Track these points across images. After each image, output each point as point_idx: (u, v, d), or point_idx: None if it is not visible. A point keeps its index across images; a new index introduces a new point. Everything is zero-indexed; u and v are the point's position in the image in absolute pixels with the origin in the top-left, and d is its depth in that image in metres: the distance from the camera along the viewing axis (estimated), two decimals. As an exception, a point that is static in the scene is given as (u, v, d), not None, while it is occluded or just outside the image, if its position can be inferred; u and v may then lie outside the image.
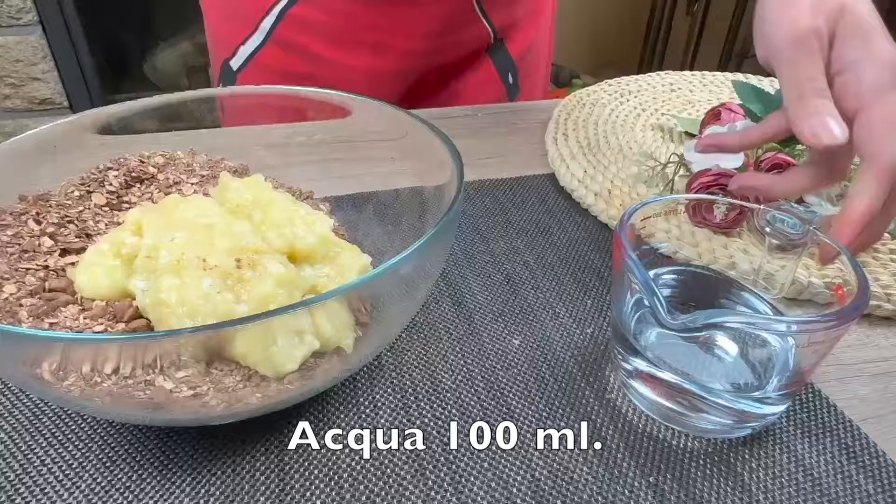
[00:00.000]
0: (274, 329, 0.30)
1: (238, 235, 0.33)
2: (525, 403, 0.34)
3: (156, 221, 0.33)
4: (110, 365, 0.27)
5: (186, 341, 0.25)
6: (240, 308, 0.30)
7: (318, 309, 0.33)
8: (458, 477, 0.30)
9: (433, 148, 0.39)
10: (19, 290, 0.30)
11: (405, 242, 0.42)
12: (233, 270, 0.30)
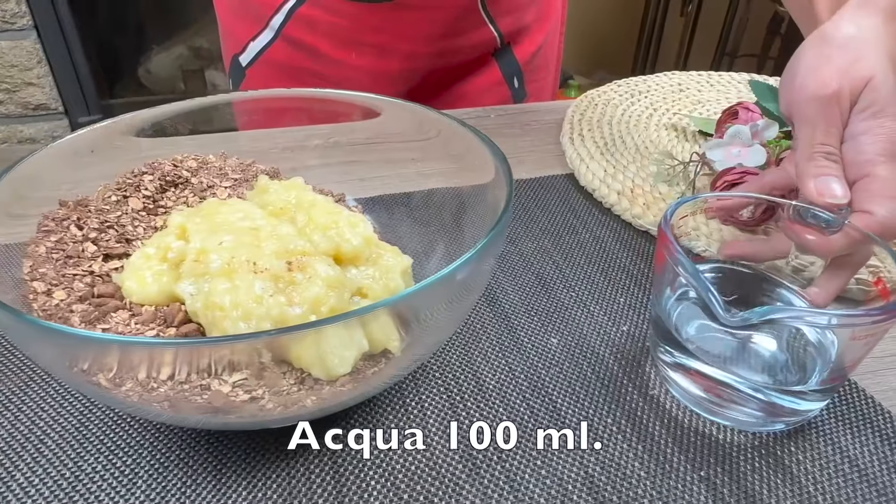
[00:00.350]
0: (326, 331, 0.30)
1: (284, 238, 0.33)
2: (570, 402, 0.34)
3: (200, 225, 0.33)
4: (167, 370, 0.27)
5: (252, 345, 0.25)
6: (293, 311, 0.30)
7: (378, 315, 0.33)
8: (514, 476, 0.30)
9: (470, 149, 0.39)
10: (69, 296, 0.30)
11: (442, 243, 0.42)
12: (283, 273, 0.30)
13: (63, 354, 0.23)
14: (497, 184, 0.35)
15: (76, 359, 0.24)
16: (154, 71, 1.61)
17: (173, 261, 0.32)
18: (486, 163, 0.37)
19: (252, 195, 0.38)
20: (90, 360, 0.24)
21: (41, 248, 0.31)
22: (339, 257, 0.34)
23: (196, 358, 0.25)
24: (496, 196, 0.35)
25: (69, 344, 0.22)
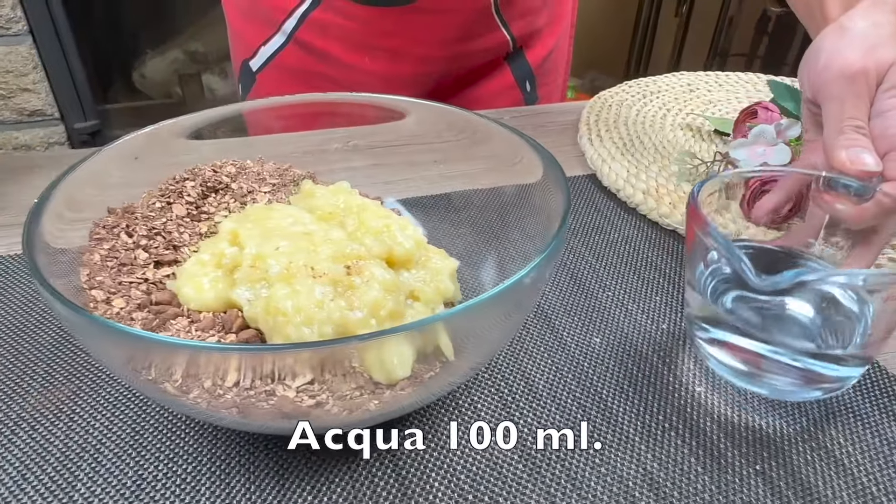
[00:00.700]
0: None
1: (338, 242, 0.33)
2: (621, 400, 0.35)
3: (252, 231, 0.33)
4: (233, 377, 0.27)
5: (333, 351, 0.25)
6: (354, 315, 0.30)
7: (423, 312, 0.33)
8: (574, 475, 0.31)
9: (509, 149, 0.40)
10: (127, 303, 0.30)
11: (481, 245, 0.43)
12: (342, 277, 0.31)
13: (140, 359, 0.23)
14: (546, 185, 0.35)
15: (153, 364, 0.24)
16: (149, 75, 1.60)
17: (228, 267, 0.32)
18: (525, 163, 0.38)
19: (296, 200, 0.38)
20: (168, 365, 0.23)
21: (96, 256, 0.31)
22: (391, 260, 0.34)
23: (274, 364, 0.25)
24: (543, 196, 0.36)
25: (153, 349, 0.22)
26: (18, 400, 0.34)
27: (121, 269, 0.31)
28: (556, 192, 0.33)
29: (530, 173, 0.38)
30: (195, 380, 0.26)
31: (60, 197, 0.30)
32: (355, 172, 0.51)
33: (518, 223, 0.42)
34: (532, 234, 0.44)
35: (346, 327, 0.30)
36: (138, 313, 0.29)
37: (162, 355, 0.23)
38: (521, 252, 0.45)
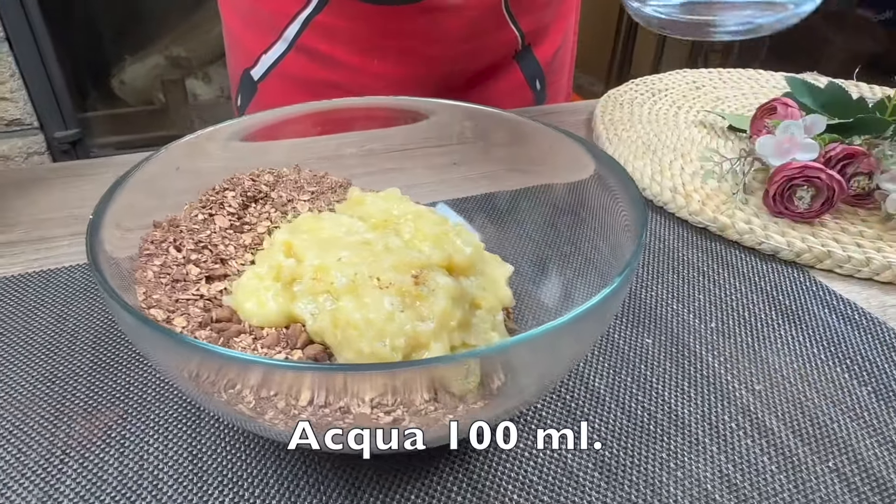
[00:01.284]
0: (453, 343, 0.30)
1: (399, 251, 0.32)
2: (684, 401, 0.34)
3: (307, 242, 0.32)
4: (306, 395, 0.25)
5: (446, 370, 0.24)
6: (425, 326, 0.29)
7: (486, 320, 0.32)
8: (651, 478, 0.30)
9: (547, 148, 0.39)
10: (188, 322, 0.28)
11: (524, 247, 0.42)
12: (410, 287, 0.30)
13: (231, 380, 0.22)
14: (625, 192, 0.34)
15: (241, 386, 0.23)
16: (128, 82, 1.56)
17: (286, 280, 0.31)
18: (559, 160, 0.37)
19: (343, 208, 0.37)
20: (255, 387, 0.22)
21: (149, 273, 0.29)
22: (451, 268, 0.33)
23: (388, 383, 0.23)
24: (591, 196, 0.35)
25: (250, 371, 0.21)
26: (63, 427, 0.32)
27: (174, 285, 0.30)
28: (614, 189, 0.33)
29: (564, 171, 0.38)
30: (270, 401, 0.24)
31: (112, 213, 0.29)
32: (373, 178, 0.50)
33: (560, 224, 0.41)
34: (576, 237, 0.44)
35: (417, 339, 0.29)
36: (201, 332, 0.28)
37: (258, 377, 0.21)
38: (560, 252, 0.45)
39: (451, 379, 0.29)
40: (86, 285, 0.42)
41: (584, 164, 0.37)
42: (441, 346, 0.29)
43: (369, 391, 0.22)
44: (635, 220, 0.30)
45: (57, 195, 0.54)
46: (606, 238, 0.44)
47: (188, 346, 0.20)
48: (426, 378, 0.22)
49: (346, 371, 0.22)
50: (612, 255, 0.36)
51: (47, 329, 0.38)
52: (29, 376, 0.35)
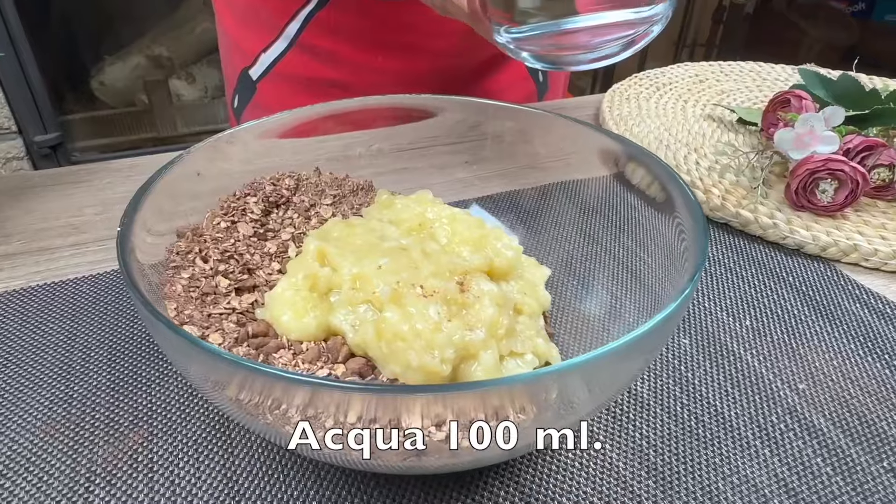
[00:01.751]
0: (500, 352, 0.29)
1: (436, 256, 0.30)
2: (730, 403, 0.34)
3: (342, 249, 0.30)
4: (354, 414, 0.24)
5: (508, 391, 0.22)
6: (475, 335, 0.27)
7: (532, 327, 0.31)
8: (707, 487, 0.29)
9: (569, 143, 0.38)
10: (224, 339, 0.27)
11: (550, 246, 0.41)
12: (455, 295, 0.28)
13: (293, 404, 0.20)
14: (631, 180, 0.34)
15: (298, 409, 0.21)
16: (109, 83, 1.51)
17: (322, 290, 0.29)
18: (581, 156, 0.36)
19: (372, 212, 0.35)
20: (315, 410, 0.21)
21: (178, 287, 0.28)
22: (491, 273, 0.32)
23: (432, 406, 0.22)
24: (621, 193, 0.34)
25: (320, 394, 0.19)
26: (85, 453, 0.30)
27: (204, 299, 0.28)
28: (654, 187, 0.32)
29: (587, 166, 0.37)
30: (320, 422, 0.23)
31: (139, 224, 0.27)
32: (384, 178, 0.49)
33: (587, 223, 0.40)
34: (604, 237, 0.43)
35: (467, 349, 0.27)
36: (238, 349, 0.26)
37: (324, 401, 0.20)
38: (587, 253, 0.44)
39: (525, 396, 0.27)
40: (94, 298, 0.40)
41: (613, 157, 0.36)
42: (491, 355, 0.28)
43: (447, 413, 0.21)
44: (691, 223, 0.29)
45: (53, 203, 0.51)
46: (640, 239, 0.43)
47: (259, 372, 0.18)
48: (508, 397, 0.21)
49: (444, 392, 0.20)
50: (647, 256, 0.35)
51: (58, 347, 0.36)
52: (44, 399, 0.33)
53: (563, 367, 0.20)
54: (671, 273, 0.35)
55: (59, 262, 0.44)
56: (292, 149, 0.49)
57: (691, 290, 0.24)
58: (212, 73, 1.55)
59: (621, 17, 0.31)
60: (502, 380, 0.19)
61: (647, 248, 0.44)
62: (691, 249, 0.28)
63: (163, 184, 0.29)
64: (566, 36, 0.31)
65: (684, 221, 0.30)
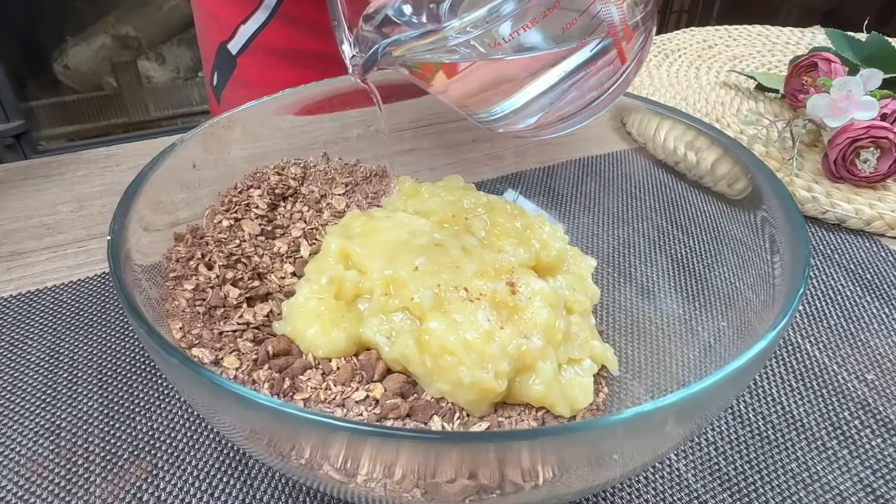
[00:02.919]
0: (558, 359, 0.25)
1: (477, 253, 0.26)
2: (797, 399, 0.31)
3: (368, 248, 0.26)
4: (448, 470, 0.20)
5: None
6: (532, 344, 0.24)
7: (585, 328, 0.27)
8: (784, 495, 0.26)
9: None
10: (241, 362, 0.23)
11: (580, 229, 0.37)
12: (506, 297, 0.24)
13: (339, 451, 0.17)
14: (664, 152, 0.30)
15: (340, 455, 0.17)
16: (73, 66, 1.42)
17: (349, 297, 0.25)
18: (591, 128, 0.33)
19: (394, 202, 0.31)
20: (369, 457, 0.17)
21: (181, 302, 0.23)
22: (537, 267, 0.28)
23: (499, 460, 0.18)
24: (654, 168, 0.31)
25: (374, 443, 0.16)
26: (80, 493, 0.26)
27: (213, 313, 0.24)
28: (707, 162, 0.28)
29: (608, 140, 0.33)
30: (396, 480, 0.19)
31: (131, 232, 0.22)
32: (389, 160, 0.45)
33: (616, 204, 0.37)
34: (633, 216, 0.39)
35: (523, 361, 0.24)
36: (259, 372, 0.22)
37: (412, 461, 0.16)
38: (621, 237, 0.41)
39: (556, 402, 0.24)
40: (77, 308, 0.35)
41: (644, 125, 0.33)
42: (550, 365, 0.24)
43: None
44: (776, 197, 0.25)
45: (23, 201, 0.46)
46: (678, 220, 0.40)
47: (301, 420, 0.15)
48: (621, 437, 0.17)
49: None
50: (686, 237, 0.32)
51: (40, 367, 0.32)
52: (27, 430, 0.28)
53: (685, 396, 0.16)
54: (734, 265, 0.32)
55: (35, 267, 0.39)
56: (285, 132, 0.44)
57: (798, 300, 0.20)
58: (183, 53, 1.47)
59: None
60: (619, 420, 0.16)
61: (685, 228, 0.41)
62: (786, 251, 0.24)
63: (154, 181, 0.24)
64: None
65: (769, 211, 0.27)
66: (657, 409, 0.16)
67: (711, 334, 0.30)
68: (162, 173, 0.25)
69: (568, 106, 0.23)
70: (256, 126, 0.38)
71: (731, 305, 0.31)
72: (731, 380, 0.18)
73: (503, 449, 0.15)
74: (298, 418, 0.14)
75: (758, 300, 0.29)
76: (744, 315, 0.29)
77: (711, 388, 0.17)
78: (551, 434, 0.16)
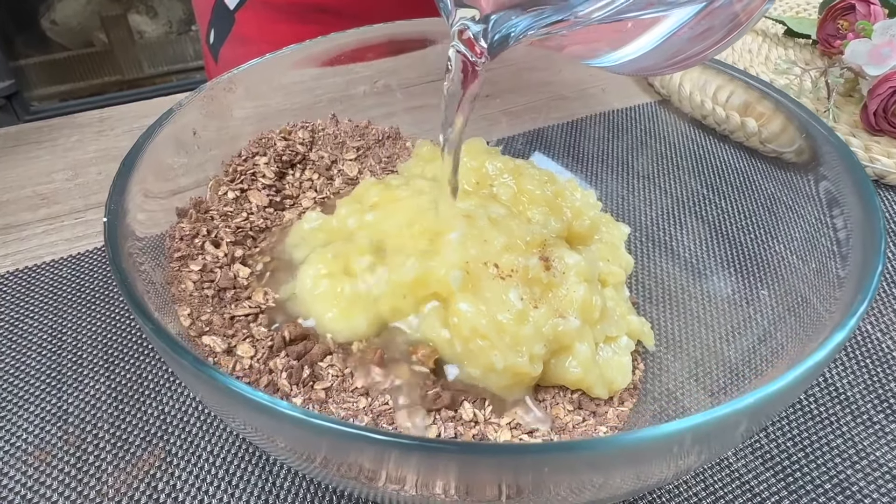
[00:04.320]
0: (595, 338, 0.23)
1: (505, 224, 0.24)
2: (842, 371, 0.29)
3: (384, 221, 0.24)
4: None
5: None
6: (568, 324, 0.22)
7: (620, 302, 0.26)
8: (831, 474, 0.25)
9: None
10: (256, 350, 0.21)
11: (608, 192, 0.35)
12: (539, 273, 0.23)
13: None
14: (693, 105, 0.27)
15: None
16: (61, 21, 1.37)
17: (363, 270, 0.24)
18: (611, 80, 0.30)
19: (411, 168, 0.29)
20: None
21: (188, 285, 0.22)
22: (569, 237, 0.26)
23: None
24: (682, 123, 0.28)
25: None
26: (91, 483, 0.25)
27: (222, 296, 0.22)
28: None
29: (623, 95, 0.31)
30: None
31: (131, 207, 0.20)
32: (397, 119, 0.42)
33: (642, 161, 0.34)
34: (652, 173, 0.37)
35: (559, 342, 0.22)
36: (276, 360, 0.21)
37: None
38: (649, 199, 0.38)
39: (594, 384, 0.22)
40: (78, 285, 0.33)
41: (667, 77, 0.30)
42: (587, 346, 0.22)
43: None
44: (834, 154, 0.23)
45: (15, 169, 0.44)
46: (712, 181, 0.37)
47: (336, 433, 0.13)
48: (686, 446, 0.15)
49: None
50: (717, 198, 0.30)
51: (43, 350, 0.30)
52: (33, 416, 0.27)
53: (750, 404, 0.15)
54: (780, 231, 0.30)
55: (31, 241, 0.37)
56: (289, 91, 0.42)
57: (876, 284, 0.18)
58: (175, 6, 1.41)
59: None
60: (688, 428, 0.14)
61: (720, 190, 0.38)
62: (853, 219, 0.22)
63: (150, 154, 0.22)
64: None
65: (829, 178, 0.24)
66: (731, 413, 0.14)
67: (755, 308, 0.28)
68: (160, 143, 0.23)
69: (709, 34, 0.20)
70: (259, 86, 0.35)
71: (777, 275, 0.29)
72: (809, 376, 0.16)
73: (555, 465, 0.14)
74: (330, 431, 0.13)
75: (808, 268, 0.27)
76: (794, 286, 0.27)
77: (787, 387, 0.15)
78: (623, 444, 0.14)
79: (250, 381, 0.20)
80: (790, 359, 0.21)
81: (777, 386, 0.15)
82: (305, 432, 0.13)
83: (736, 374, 0.26)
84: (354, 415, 0.20)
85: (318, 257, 0.24)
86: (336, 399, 0.20)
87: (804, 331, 0.22)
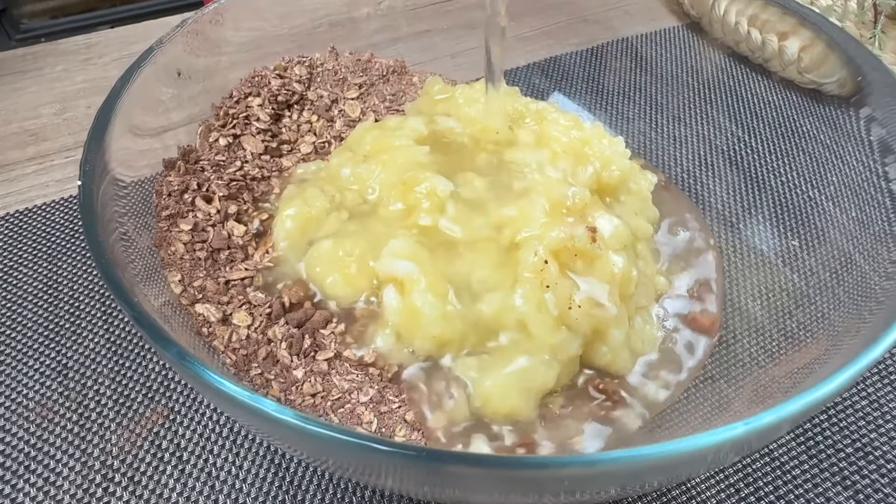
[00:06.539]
0: (628, 312, 0.22)
1: (535, 183, 0.22)
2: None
3: (383, 171, 0.22)
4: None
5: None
6: (608, 311, 0.21)
7: (650, 260, 0.24)
8: (855, 439, 0.24)
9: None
10: (253, 319, 0.20)
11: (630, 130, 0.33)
12: (586, 245, 0.21)
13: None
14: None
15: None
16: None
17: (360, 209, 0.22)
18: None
19: (419, 108, 0.27)
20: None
21: (178, 246, 0.20)
22: (598, 190, 0.24)
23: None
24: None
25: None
26: (94, 441, 0.24)
27: (215, 257, 0.21)
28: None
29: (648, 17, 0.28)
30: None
31: (112, 165, 0.18)
32: (404, 45, 0.39)
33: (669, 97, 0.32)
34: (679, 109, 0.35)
35: (595, 330, 0.21)
36: (275, 329, 0.19)
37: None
38: (676, 137, 0.36)
39: (618, 353, 0.21)
40: (72, 231, 0.32)
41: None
42: (621, 331, 0.21)
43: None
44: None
45: (0, 102, 0.42)
46: (744, 119, 0.35)
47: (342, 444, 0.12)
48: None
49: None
50: (749, 137, 0.28)
51: (39, 300, 0.29)
52: (33, 371, 0.26)
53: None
54: (820, 177, 0.28)
55: (21, 182, 0.36)
56: (283, 16, 0.38)
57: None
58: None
59: None
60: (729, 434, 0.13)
61: (752, 129, 0.36)
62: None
63: (129, 101, 0.20)
64: None
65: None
66: (777, 421, 0.13)
67: (789, 263, 0.27)
68: (139, 87, 0.21)
69: None
70: (249, 12, 0.32)
71: (814, 224, 0.27)
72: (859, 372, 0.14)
73: (593, 477, 0.13)
74: (335, 441, 0.12)
75: (851, 221, 0.25)
76: (834, 240, 0.25)
77: (837, 388, 0.14)
78: (666, 453, 0.13)
79: (248, 353, 0.18)
80: (833, 331, 0.20)
81: (823, 391, 0.13)
82: (301, 438, 0.12)
83: (766, 336, 0.25)
84: (359, 387, 0.19)
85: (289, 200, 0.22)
86: (339, 370, 0.19)
87: (850, 298, 0.21)
